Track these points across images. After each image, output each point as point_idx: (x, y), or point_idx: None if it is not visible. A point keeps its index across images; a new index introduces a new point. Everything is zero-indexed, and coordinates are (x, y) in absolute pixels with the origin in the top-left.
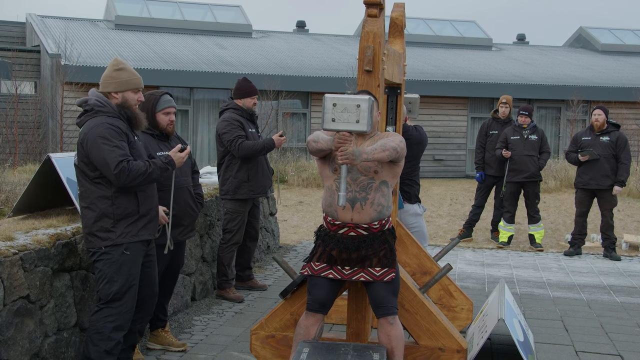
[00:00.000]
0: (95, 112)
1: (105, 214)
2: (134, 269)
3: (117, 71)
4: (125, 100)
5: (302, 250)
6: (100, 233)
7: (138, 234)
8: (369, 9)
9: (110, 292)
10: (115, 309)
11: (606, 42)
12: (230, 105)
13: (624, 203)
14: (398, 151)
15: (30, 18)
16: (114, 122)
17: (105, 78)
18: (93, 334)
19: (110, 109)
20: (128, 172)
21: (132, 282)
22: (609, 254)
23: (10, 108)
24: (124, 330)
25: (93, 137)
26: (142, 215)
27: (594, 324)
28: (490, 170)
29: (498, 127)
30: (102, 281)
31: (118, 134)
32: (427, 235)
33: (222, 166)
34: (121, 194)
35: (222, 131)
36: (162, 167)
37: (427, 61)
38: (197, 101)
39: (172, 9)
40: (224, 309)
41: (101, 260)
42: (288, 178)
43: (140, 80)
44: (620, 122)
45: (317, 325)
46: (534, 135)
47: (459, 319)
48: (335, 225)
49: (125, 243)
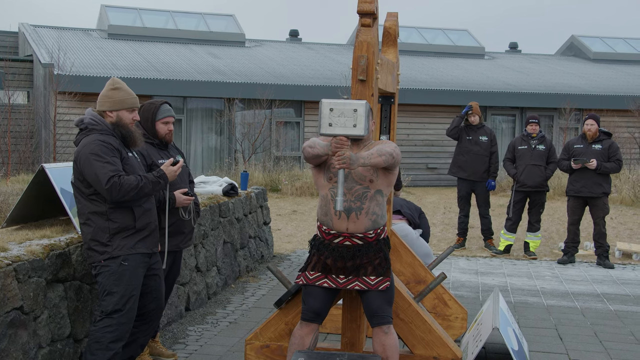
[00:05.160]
0: (89, 131)
1: (101, 228)
2: (133, 279)
3: (113, 90)
4: (120, 119)
5: (296, 259)
6: (97, 247)
7: (135, 247)
8: (363, 19)
9: (110, 303)
10: (115, 320)
11: (598, 50)
12: None
13: (617, 211)
14: (394, 156)
15: (23, 28)
16: (106, 139)
17: (101, 97)
18: (92, 344)
19: (104, 127)
20: (119, 187)
21: (131, 293)
22: (602, 262)
23: (3, 118)
24: (123, 341)
25: (85, 154)
26: (138, 229)
27: (588, 332)
28: (463, 174)
29: (472, 133)
30: (103, 294)
31: (110, 150)
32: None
33: None
34: (116, 209)
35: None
36: (154, 180)
37: (420, 70)
38: (190, 110)
39: (165, 19)
40: (219, 319)
41: (101, 274)
42: (282, 187)
43: (136, 100)
44: (612, 130)
45: (312, 334)
46: (542, 145)
47: (453, 328)
48: (330, 234)
49: (123, 255)
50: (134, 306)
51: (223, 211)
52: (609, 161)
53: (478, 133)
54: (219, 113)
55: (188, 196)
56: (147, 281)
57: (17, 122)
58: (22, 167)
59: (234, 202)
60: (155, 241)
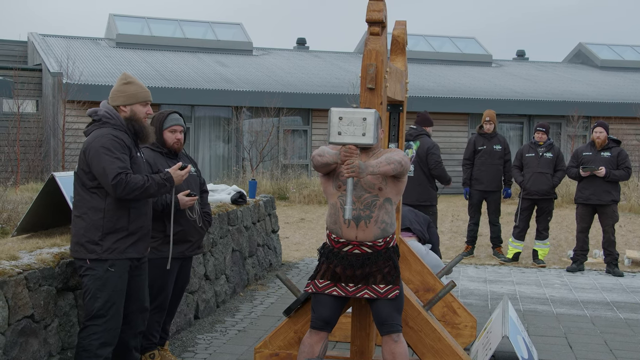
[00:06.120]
0: (103, 123)
1: (95, 225)
2: (119, 285)
3: (125, 85)
4: (134, 113)
5: (304, 267)
6: (87, 244)
7: (125, 252)
8: (372, 27)
9: (93, 307)
10: (100, 326)
11: (605, 57)
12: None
13: (626, 219)
14: (402, 165)
15: (32, 37)
16: (119, 135)
17: (114, 92)
18: (80, 352)
19: (118, 122)
20: (125, 184)
21: (116, 299)
22: (612, 270)
23: (12, 127)
24: (111, 346)
25: (96, 146)
26: (131, 232)
27: (598, 340)
28: (480, 186)
29: (485, 142)
30: (86, 296)
31: (121, 146)
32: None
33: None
34: (113, 207)
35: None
36: (160, 183)
37: (427, 77)
38: (198, 118)
39: (173, 27)
40: (227, 327)
41: (86, 276)
42: (289, 195)
43: (149, 93)
44: (621, 138)
45: (321, 343)
46: (550, 153)
47: (462, 336)
48: (339, 242)
49: (111, 259)
50: (119, 311)
51: (232, 219)
52: (617, 169)
53: (492, 142)
54: (227, 121)
55: (191, 197)
56: (130, 282)
57: (26, 131)
58: (31, 175)
59: (242, 210)
60: (146, 245)
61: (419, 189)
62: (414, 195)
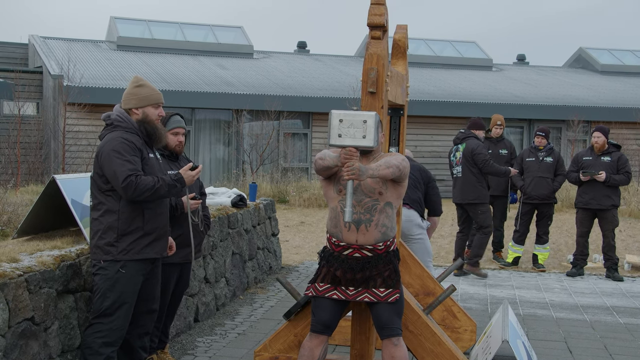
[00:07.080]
0: (114, 127)
1: (111, 227)
2: (128, 287)
3: (137, 87)
4: (146, 115)
5: (304, 270)
6: (104, 246)
7: (141, 252)
8: (373, 31)
9: (101, 306)
10: (105, 325)
11: (606, 62)
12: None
13: (626, 223)
14: (401, 169)
15: (32, 39)
16: (130, 137)
17: (126, 95)
18: (84, 349)
19: (129, 125)
20: (135, 186)
21: (124, 300)
22: (612, 275)
23: (13, 129)
24: (114, 346)
25: (107, 150)
26: (146, 233)
27: (597, 345)
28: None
29: (491, 146)
30: (96, 294)
31: (132, 149)
32: (431, 251)
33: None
34: (128, 209)
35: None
36: (170, 183)
37: (428, 81)
38: (198, 121)
39: (173, 30)
40: (227, 331)
41: (98, 275)
42: (289, 198)
43: (160, 95)
44: (621, 142)
45: (321, 346)
46: (550, 157)
47: (462, 340)
48: (340, 246)
49: (124, 260)
50: (127, 312)
51: (232, 222)
52: (618, 173)
53: (498, 146)
54: (227, 124)
55: (196, 200)
56: (142, 283)
57: (26, 133)
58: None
59: (242, 213)
60: (163, 245)
61: (466, 188)
62: (463, 194)
